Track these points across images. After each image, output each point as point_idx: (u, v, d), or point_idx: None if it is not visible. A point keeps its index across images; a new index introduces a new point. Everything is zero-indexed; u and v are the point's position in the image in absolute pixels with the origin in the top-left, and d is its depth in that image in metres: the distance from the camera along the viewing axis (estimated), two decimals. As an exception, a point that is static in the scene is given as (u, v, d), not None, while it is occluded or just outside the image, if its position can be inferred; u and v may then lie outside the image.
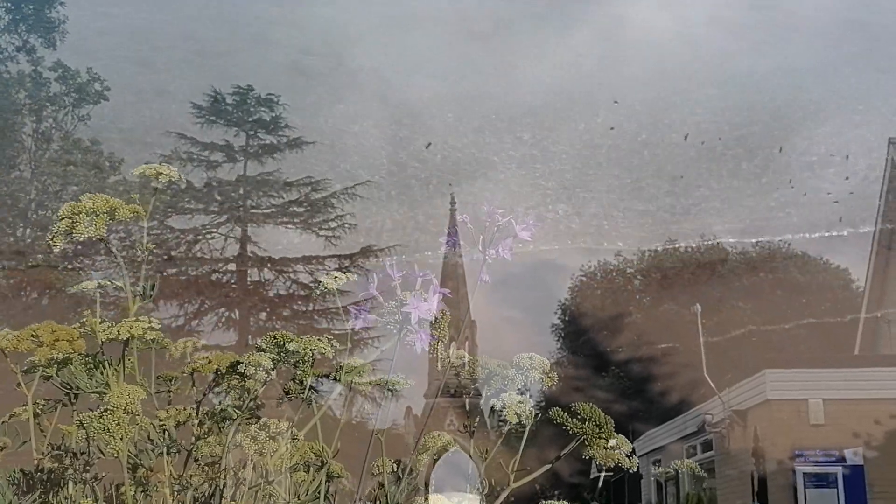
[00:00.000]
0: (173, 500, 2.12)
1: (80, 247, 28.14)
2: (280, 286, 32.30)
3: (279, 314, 31.46)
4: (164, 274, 29.13)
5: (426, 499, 2.34)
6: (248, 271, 32.37)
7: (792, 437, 18.83)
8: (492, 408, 2.42)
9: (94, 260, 27.55)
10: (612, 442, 2.35)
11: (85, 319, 2.18)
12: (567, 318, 41.44)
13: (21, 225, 28.37)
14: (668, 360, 32.95)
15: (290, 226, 32.84)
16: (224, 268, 32.40)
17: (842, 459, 18.66)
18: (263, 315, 31.44)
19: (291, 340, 2.17)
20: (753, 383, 19.88)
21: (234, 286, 32.26)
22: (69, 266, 27.97)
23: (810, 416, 18.75)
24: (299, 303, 31.71)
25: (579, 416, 2.27)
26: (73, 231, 2.04)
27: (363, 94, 39.53)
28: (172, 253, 30.91)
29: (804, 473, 18.74)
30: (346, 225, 32.73)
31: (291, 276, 32.35)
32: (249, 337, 30.73)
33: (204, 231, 32.22)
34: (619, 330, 37.47)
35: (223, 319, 31.58)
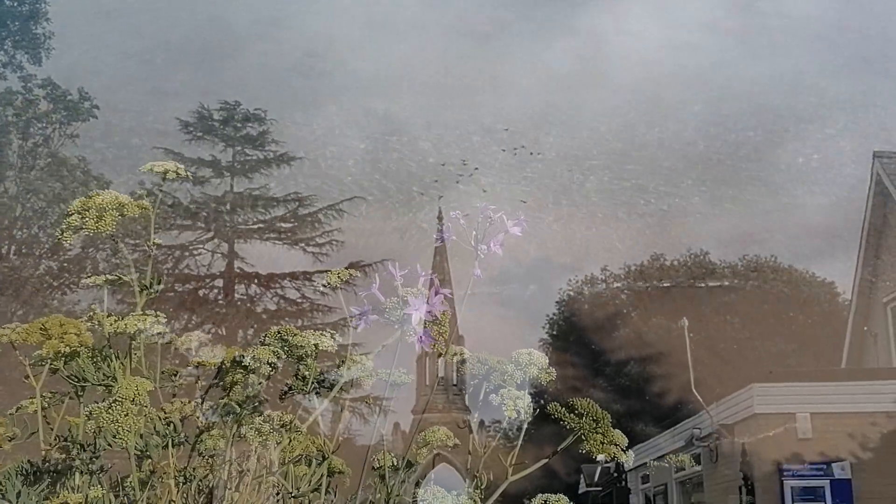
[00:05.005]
0: (178, 491, 2.15)
1: (65, 264, 28.09)
2: (268, 302, 32.29)
3: (267, 330, 31.36)
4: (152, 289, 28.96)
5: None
6: (236, 287, 32.33)
7: (780, 451, 18.86)
8: (481, 421, 2.45)
9: (79, 277, 27.47)
10: (600, 457, 2.38)
11: (92, 313, 2.22)
12: (555, 333, 41.50)
13: (6, 243, 28.24)
14: (657, 374, 33.01)
15: (277, 242, 32.83)
16: (211, 284, 32.36)
17: (829, 473, 18.70)
18: (251, 331, 31.35)
19: (295, 335, 2.21)
20: (741, 397, 19.92)
21: (221, 302, 32.18)
22: (54, 283, 27.88)
23: (798, 430, 18.78)
24: (287, 319, 31.66)
25: (576, 411, 2.31)
26: (84, 227, 2.08)
27: (347, 106, 39.58)
28: (156, 271, 30.74)
29: (792, 487, 18.77)
30: (334, 241, 32.77)
31: (279, 291, 32.35)
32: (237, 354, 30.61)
33: (191, 247, 32.18)
34: (608, 344, 37.52)
35: (210, 336, 31.46)
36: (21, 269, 27.17)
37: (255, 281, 32.41)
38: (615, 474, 27.90)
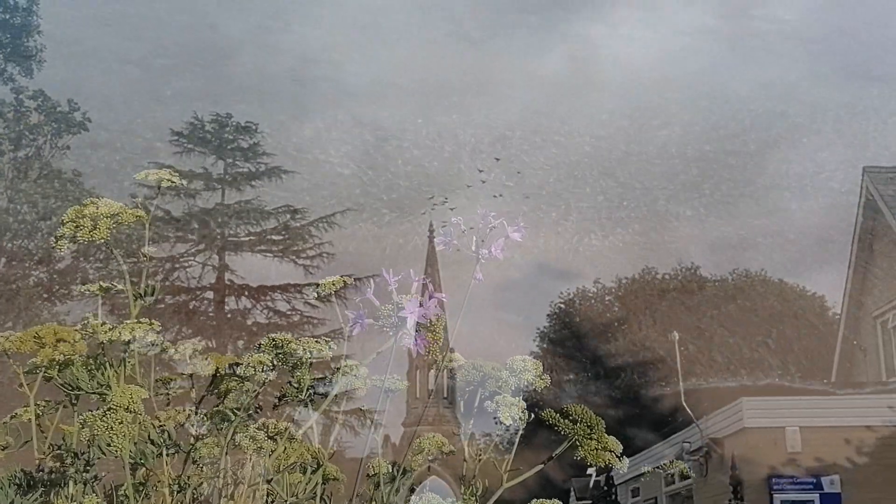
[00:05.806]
0: (172, 499, 2.15)
1: (55, 276, 28.00)
2: (258, 314, 32.24)
3: (257, 342, 31.27)
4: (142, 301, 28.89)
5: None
6: (226, 299, 32.27)
7: (769, 464, 18.89)
8: (471, 433, 2.46)
9: (69, 289, 27.41)
10: (590, 470, 2.39)
11: (86, 321, 2.22)
12: (545, 346, 41.48)
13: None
14: (648, 387, 33.03)
15: (268, 254, 32.79)
16: (202, 296, 32.29)
17: (819, 487, 18.71)
18: (241, 343, 31.29)
19: (290, 342, 2.22)
20: (730, 411, 19.95)
21: (211, 314, 32.13)
22: (44, 294, 27.79)
23: (787, 444, 18.80)
24: (277, 331, 31.57)
25: (570, 417, 2.31)
26: (77, 235, 2.09)
27: (339, 114, 39.56)
28: (150, 282, 30.66)
29: (781, 501, 18.79)
30: (325, 254, 32.74)
31: (269, 304, 32.31)
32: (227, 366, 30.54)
33: (181, 259, 32.13)
34: (599, 357, 37.54)
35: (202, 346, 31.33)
36: (12, 280, 27.08)
37: (246, 293, 32.37)
38: (605, 487, 27.86)
